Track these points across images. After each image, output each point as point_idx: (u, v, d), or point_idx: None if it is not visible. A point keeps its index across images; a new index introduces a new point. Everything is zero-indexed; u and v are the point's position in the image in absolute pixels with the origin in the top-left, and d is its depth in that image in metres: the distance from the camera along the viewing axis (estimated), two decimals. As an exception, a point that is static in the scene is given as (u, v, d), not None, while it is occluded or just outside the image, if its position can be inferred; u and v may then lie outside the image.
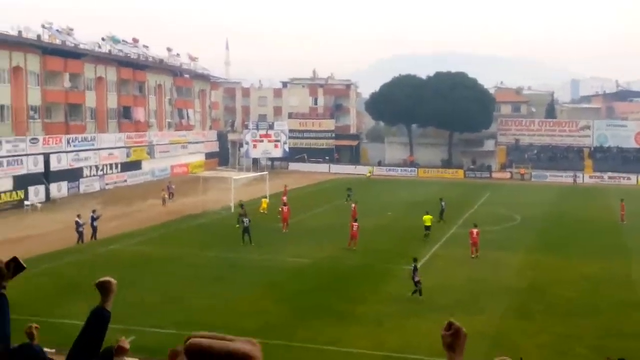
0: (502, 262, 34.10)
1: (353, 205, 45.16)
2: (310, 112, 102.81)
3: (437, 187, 67.25)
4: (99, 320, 4.23)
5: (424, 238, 39.72)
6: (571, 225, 45.82)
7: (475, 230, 35.70)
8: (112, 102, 70.63)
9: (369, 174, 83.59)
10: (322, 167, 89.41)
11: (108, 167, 66.15)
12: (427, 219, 40.46)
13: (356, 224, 37.06)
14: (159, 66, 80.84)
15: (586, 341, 22.52)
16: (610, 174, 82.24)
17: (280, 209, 44.01)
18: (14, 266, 4.44)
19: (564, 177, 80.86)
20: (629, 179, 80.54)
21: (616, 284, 30.30)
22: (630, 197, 58.99)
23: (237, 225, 40.40)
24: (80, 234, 37.53)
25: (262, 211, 48.26)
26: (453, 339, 2.73)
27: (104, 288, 4.26)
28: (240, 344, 1.45)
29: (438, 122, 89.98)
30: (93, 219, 38.61)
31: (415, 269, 27.84)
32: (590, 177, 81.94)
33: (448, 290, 28.68)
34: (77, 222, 37.92)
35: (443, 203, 47.04)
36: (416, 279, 27.49)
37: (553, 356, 19.30)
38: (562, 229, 43.87)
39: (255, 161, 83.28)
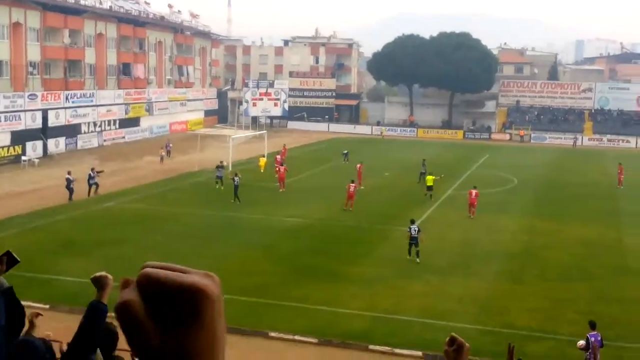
0: (497, 226, 34.15)
1: (359, 165, 44.96)
2: (312, 71, 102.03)
3: (436, 148, 67.18)
4: (95, 313, 4.24)
5: (426, 197, 39.82)
6: (568, 189, 45.78)
7: (474, 192, 35.89)
8: (111, 58, 70.06)
9: (382, 133, 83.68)
10: (322, 126, 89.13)
11: (106, 123, 65.91)
12: (430, 179, 40.52)
13: (353, 184, 36.99)
14: (160, 23, 79.99)
15: (578, 306, 22.64)
16: (609, 136, 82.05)
17: (277, 168, 43.98)
18: (7, 260, 4.43)
19: (563, 140, 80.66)
20: (628, 142, 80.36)
21: (611, 249, 30.39)
22: (628, 161, 58.90)
23: (217, 186, 40.94)
24: (71, 191, 37.33)
25: (260, 168, 48.46)
26: (456, 355, 2.71)
27: (99, 283, 4.26)
28: (196, 277, 1.35)
29: (440, 83, 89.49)
30: (90, 177, 38.45)
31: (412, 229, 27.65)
32: (590, 139, 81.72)
33: (442, 252, 28.76)
34: (67, 179, 37.65)
35: (424, 166, 46.53)
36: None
37: (544, 321, 19.43)
38: (559, 193, 43.86)
39: (255, 119, 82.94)
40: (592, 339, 16.62)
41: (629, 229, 34.15)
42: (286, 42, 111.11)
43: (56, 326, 18.98)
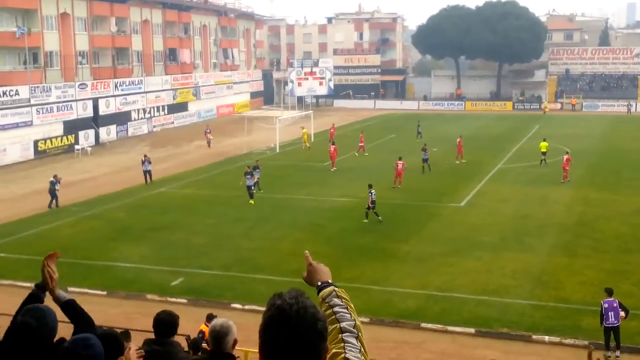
0: (550, 198, 33.59)
1: (459, 139, 45.11)
2: (356, 47, 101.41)
3: (485, 121, 66.28)
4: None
5: (540, 165, 41.25)
6: (623, 157, 44.68)
7: (565, 157, 37.70)
8: (158, 44, 70.85)
9: (545, 108, 79.53)
10: (368, 104, 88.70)
11: (155, 109, 66.78)
12: (544, 145, 42.23)
13: (401, 162, 36.73)
14: (204, 7, 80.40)
15: (634, 278, 22.19)
16: (665, 101, 79.70)
17: (329, 148, 43.92)
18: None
19: (617, 107, 78.63)
20: (685, 106, 77.98)
21: (669, 217, 29.61)
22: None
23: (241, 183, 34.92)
24: (54, 196, 33.25)
25: (304, 147, 48.67)
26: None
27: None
28: None
29: (487, 54, 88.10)
30: (144, 162, 38.75)
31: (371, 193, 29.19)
32: (645, 105, 79.50)
33: (493, 227, 28.45)
34: (51, 182, 33.51)
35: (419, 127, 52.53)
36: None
37: (599, 293, 19.02)
38: (613, 162, 42.84)
39: (300, 99, 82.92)
40: (606, 305, 16.74)
41: (688, 196, 33.21)
42: (329, 20, 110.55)
43: (114, 311, 19.54)
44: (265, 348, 2.47)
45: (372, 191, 29.29)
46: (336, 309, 2.91)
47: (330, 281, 3.09)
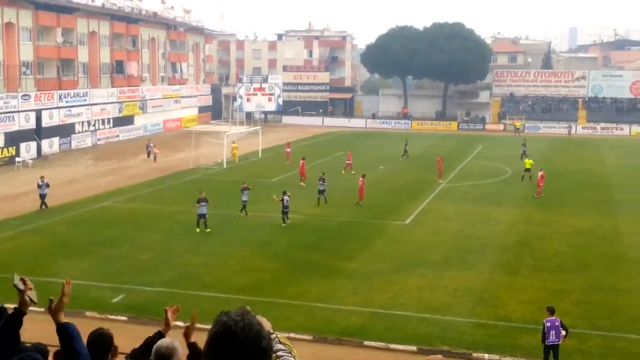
0: (493, 217, 34.24)
1: (438, 158, 45.86)
2: (305, 64, 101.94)
3: (430, 140, 67.24)
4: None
5: (522, 180, 43.45)
6: (564, 179, 45.86)
7: (540, 173, 39.60)
8: (104, 56, 69.91)
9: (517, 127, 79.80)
10: (316, 121, 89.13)
11: (100, 122, 65.79)
12: (528, 162, 44.75)
13: (362, 179, 36.96)
14: (153, 19, 79.78)
15: (573, 297, 22.74)
16: (603, 124, 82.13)
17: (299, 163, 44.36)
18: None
19: (557, 129, 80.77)
20: (621, 129, 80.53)
21: (606, 238, 30.50)
22: (622, 148, 59.14)
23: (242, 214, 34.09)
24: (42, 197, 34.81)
25: (234, 162, 49.14)
26: None
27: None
28: None
29: (433, 74, 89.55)
30: (40, 186, 35.27)
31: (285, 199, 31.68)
32: (583, 127, 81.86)
33: (437, 245, 28.85)
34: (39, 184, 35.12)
35: (406, 146, 54.54)
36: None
37: (538, 312, 19.46)
38: (554, 183, 43.80)
39: (249, 115, 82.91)
40: (549, 324, 17.04)
41: (624, 217, 34.28)
42: (279, 36, 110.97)
43: (51, 328, 19.09)
44: None
45: (285, 197, 31.78)
46: (280, 353, 2.97)
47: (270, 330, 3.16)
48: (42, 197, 34.95)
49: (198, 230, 30.56)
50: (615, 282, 24.25)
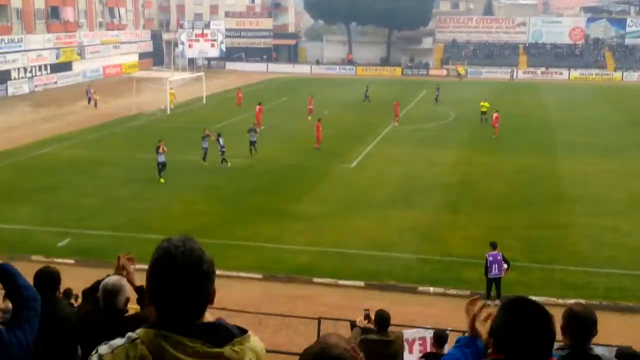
0: (436, 159, 34.78)
1: (395, 103, 46.26)
2: (248, 11, 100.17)
3: (375, 85, 67.29)
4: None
5: (480, 123, 43.93)
6: (505, 121, 46.61)
7: (495, 115, 41.19)
8: (39, 2, 67.40)
9: (459, 73, 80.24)
10: (260, 67, 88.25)
11: (37, 68, 63.80)
12: (484, 105, 45.16)
13: (319, 123, 36.84)
14: (87, -38, 76.94)
15: (515, 232, 23.47)
16: (543, 69, 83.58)
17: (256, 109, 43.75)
18: None
19: (499, 74, 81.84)
20: (560, 74, 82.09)
21: (546, 177, 31.36)
22: (561, 92, 60.51)
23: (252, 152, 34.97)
24: None
25: (171, 106, 48.47)
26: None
27: None
28: None
29: (377, 20, 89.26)
30: None
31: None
32: (524, 72, 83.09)
33: (382, 187, 29.24)
34: None
35: (367, 91, 55.17)
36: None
37: (481, 247, 20.03)
38: (490, 127, 44.62)
39: (192, 61, 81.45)
40: (491, 258, 17.78)
41: (564, 157, 35.26)
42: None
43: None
44: (151, 290, 2.53)
45: (221, 139, 32.39)
46: None
47: None
48: None
49: (163, 180, 29.67)
50: (555, 218, 25.09)
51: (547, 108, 53.23)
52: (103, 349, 2.56)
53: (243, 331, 2.62)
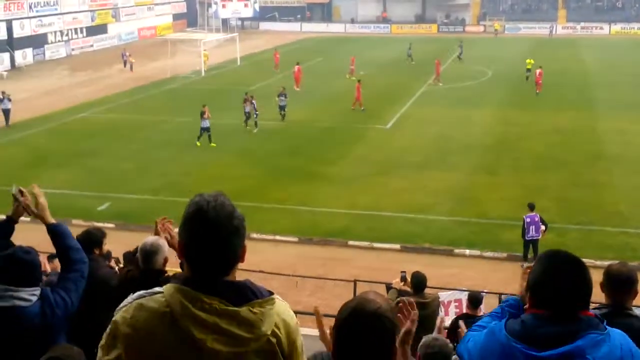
0: (472, 119, 34.38)
1: (436, 60, 45.85)
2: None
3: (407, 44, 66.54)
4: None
5: (526, 81, 43.45)
6: (543, 79, 45.80)
7: (538, 71, 40.63)
8: (73, -37, 67.45)
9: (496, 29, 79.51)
10: (294, 27, 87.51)
11: (73, 32, 64.22)
12: (529, 62, 44.84)
13: (358, 84, 36.60)
14: None
15: (552, 193, 23.26)
16: (583, 24, 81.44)
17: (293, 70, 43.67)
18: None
19: (537, 29, 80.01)
20: (601, 28, 79.92)
21: (584, 136, 30.85)
22: (601, 47, 59.10)
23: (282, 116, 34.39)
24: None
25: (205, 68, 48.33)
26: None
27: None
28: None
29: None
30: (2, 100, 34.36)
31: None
32: (564, 27, 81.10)
33: (417, 148, 29.07)
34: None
35: (410, 49, 54.59)
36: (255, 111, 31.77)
37: (516, 208, 19.91)
38: (532, 84, 43.83)
39: (225, 22, 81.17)
40: (528, 219, 17.67)
41: (603, 115, 34.57)
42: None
43: (40, 237, 19.28)
44: (184, 244, 2.58)
45: (254, 102, 32.08)
46: None
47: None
48: (5, 112, 33.98)
49: (199, 144, 29.74)
50: (593, 178, 24.77)
51: (587, 64, 52.04)
52: (126, 300, 2.64)
53: (271, 294, 2.61)
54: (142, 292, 2.63)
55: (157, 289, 2.60)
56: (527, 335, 2.81)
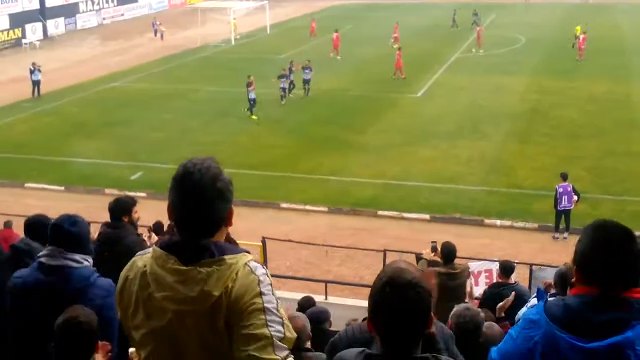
0: (506, 86, 33.89)
1: (478, 28, 45.64)
2: None
3: (441, 10, 65.55)
4: None
5: (572, 48, 41.98)
6: (577, 46, 44.90)
7: (582, 36, 40.40)
8: None
9: None
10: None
11: (104, 1, 64.33)
12: (578, 29, 43.61)
13: (399, 52, 36.27)
14: None
15: (586, 162, 22.95)
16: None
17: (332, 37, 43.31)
18: None
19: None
20: (641, -6, 77.87)
21: (620, 104, 30.27)
22: (639, 13, 57.67)
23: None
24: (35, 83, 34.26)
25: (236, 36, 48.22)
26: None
27: None
28: None
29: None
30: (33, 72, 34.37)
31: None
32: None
33: (449, 116, 28.80)
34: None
35: (455, 15, 53.49)
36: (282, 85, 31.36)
37: (550, 178, 19.69)
38: (567, 50, 43.03)
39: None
40: (561, 189, 17.49)
41: (638, 83, 33.83)
42: None
43: (73, 206, 19.56)
44: (170, 204, 2.65)
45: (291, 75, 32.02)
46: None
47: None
48: (36, 83, 34.09)
49: (255, 117, 29.36)
50: (628, 147, 24.34)
51: (623, 30, 50.81)
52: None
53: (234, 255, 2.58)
54: (141, 251, 2.76)
55: (150, 249, 2.71)
56: (572, 323, 2.53)
